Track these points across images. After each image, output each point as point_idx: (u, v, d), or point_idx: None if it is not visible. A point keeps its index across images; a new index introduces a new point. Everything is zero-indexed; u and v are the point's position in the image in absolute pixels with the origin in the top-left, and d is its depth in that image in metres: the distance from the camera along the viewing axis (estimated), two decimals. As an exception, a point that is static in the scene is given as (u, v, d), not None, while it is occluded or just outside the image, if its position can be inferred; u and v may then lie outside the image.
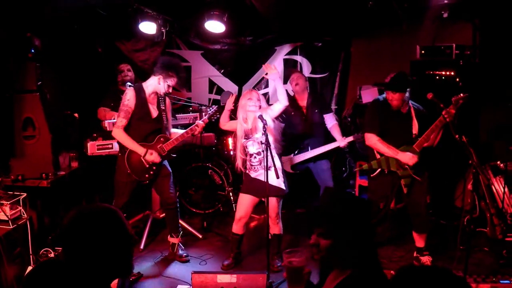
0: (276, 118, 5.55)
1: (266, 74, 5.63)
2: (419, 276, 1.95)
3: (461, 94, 5.11)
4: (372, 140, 5.46)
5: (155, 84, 5.54)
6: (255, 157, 5.46)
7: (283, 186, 5.47)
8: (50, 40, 6.38)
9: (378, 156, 5.47)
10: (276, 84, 5.58)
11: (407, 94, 5.31)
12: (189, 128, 5.83)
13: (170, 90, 5.62)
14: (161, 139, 5.64)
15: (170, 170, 5.93)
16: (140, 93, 5.51)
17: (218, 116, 5.99)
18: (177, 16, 7.72)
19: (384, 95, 5.53)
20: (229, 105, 5.73)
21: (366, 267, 2.56)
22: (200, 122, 5.86)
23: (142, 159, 5.52)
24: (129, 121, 5.50)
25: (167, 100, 5.84)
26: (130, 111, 5.46)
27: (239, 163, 5.61)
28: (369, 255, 2.59)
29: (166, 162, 5.89)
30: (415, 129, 5.38)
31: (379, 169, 5.45)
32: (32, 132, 5.89)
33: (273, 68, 5.59)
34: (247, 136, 5.50)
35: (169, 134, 5.83)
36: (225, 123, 5.78)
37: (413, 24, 7.07)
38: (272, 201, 5.47)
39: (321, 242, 2.59)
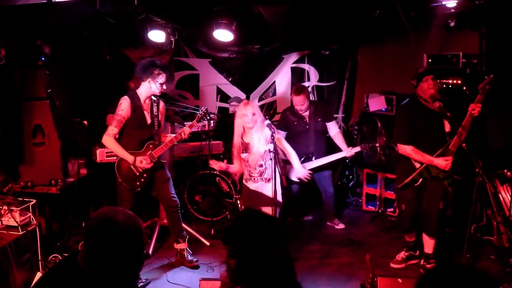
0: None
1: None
2: (446, 278, 1.91)
3: (486, 78, 5.10)
4: (406, 150, 5.45)
5: (147, 89, 5.55)
6: (255, 168, 5.43)
7: (279, 198, 5.45)
8: (59, 47, 6.44)
9: (417, 165, 5.45)
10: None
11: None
12: (177, 133, 5.81)
13: (165, 87, 5.58)
14: (150, 145, 5.65)
15: (169, 175, 5.97)
16: (134, 101, 5.53)
17: (207, 118, 5.98)
18: (185, 25, 7.76)
19: (408, 99, 5.60)
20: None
21: None
22: (186, 128, 5.79)
23: (132, 167, 5.55)
24: (124, 129, 5.55)
25: (161, 104, 5.85)
26: (123, 121, 5.49)
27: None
28: (283, 278, 2.58)
29: (165, 167, 5.93)
30: (447, 127, 5.38)
31: (421, 179, 5.46)
32: (41, 139, 5.96)
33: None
34: (245, 150, 5.44)
35: (160, 139, 5.84)
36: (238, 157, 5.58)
37: (420, 32, 7.09)
38: (269, 211, 5.32)
39: (231, 261, 2.61)
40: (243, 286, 2.64)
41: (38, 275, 5.10)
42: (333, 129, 7.00)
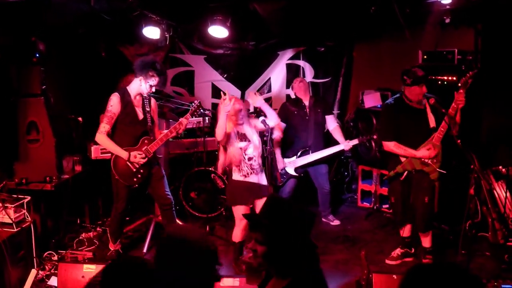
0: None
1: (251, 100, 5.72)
2: (431, 275, 1.88)
3: (470, 73, 5.14)
4: (389, 146, 5.57)
5: (137, 86, 5.56)
6: (255, 160, 5.40)
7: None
8: (54, 44, 6.42)
9: (402, 159, 5.53)
10: (264, 109, 5.61)
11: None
12: (172, 127, 5.81)
13: (153, 90, 5.59)
14: (145, 141, 5.63)
15: (164, 173, 5.95)
16: (125, 97, 5.53)
17: (201, 111, 5.99)
18: (180, 21, 7.73)
19: (393, 98, 5.66)
20: (226, 107, 5.30)
21: (305, 276, 2.55)
22: (183, 120, 5.78)
23: (128, 163, 5.53)
24: (117, 126, 5.54)
25: (153, 101, 5.85)
26: (114, 117, 5.48)
27: (222, 166, 5.64)
28: (309, 264, 2.58)
29: (159, 164, 5.93)
30: (432, 123, 5.43)
31: (406, 172, 5.53)
32: (36, 136, 5.94)
33: (256, 95, 5.77)
34: (244, 139, 5.40)
35: (154, 135, 5.79)
36: (222, 134, 5.35)
37: (415, 29, 7.09)
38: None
39: (258, 248, 2.60)
40: (268, 271, 2.69)
41: (33, 272, 5.09)
42: (332, 123, 7.05)
